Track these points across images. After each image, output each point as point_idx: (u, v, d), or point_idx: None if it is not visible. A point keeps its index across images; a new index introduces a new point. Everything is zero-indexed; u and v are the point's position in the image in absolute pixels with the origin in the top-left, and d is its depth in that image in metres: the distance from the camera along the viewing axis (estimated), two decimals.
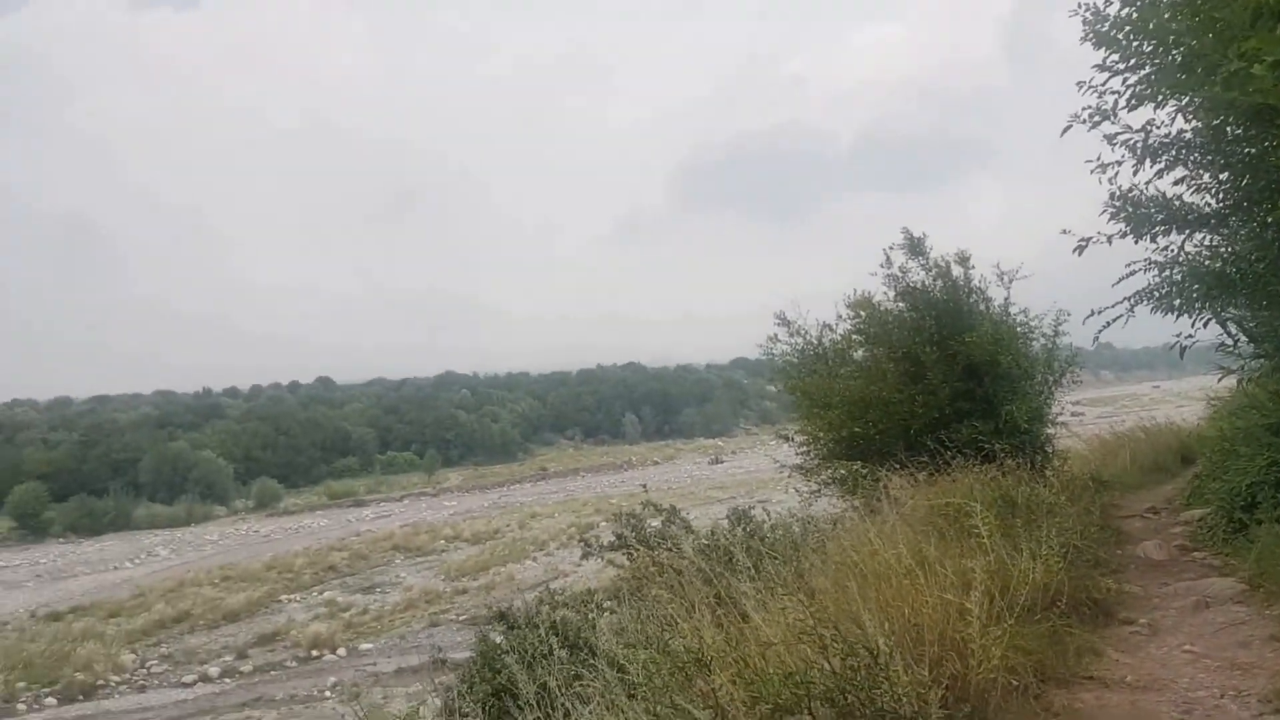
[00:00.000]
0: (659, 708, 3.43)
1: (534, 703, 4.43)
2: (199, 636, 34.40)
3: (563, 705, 4.29)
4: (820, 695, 3.39)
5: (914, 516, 7.91)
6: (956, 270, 11.68)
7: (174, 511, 68.63)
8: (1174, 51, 7.91)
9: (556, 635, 6.44)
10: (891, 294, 11.92)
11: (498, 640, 6.97)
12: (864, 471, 10.37)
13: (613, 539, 8.51)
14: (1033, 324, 11.78)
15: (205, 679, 29.38)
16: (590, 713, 4.15)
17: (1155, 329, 9.96)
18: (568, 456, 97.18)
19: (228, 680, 29.21)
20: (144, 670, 30.77)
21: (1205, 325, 9.44)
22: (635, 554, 7.57)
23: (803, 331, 12.73)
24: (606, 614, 7.37)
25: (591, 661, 4.86)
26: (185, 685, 28.96)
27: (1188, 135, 8.75)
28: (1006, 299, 11.77)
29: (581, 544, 9.35)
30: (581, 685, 4.60)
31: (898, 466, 9.56)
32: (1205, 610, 7.30)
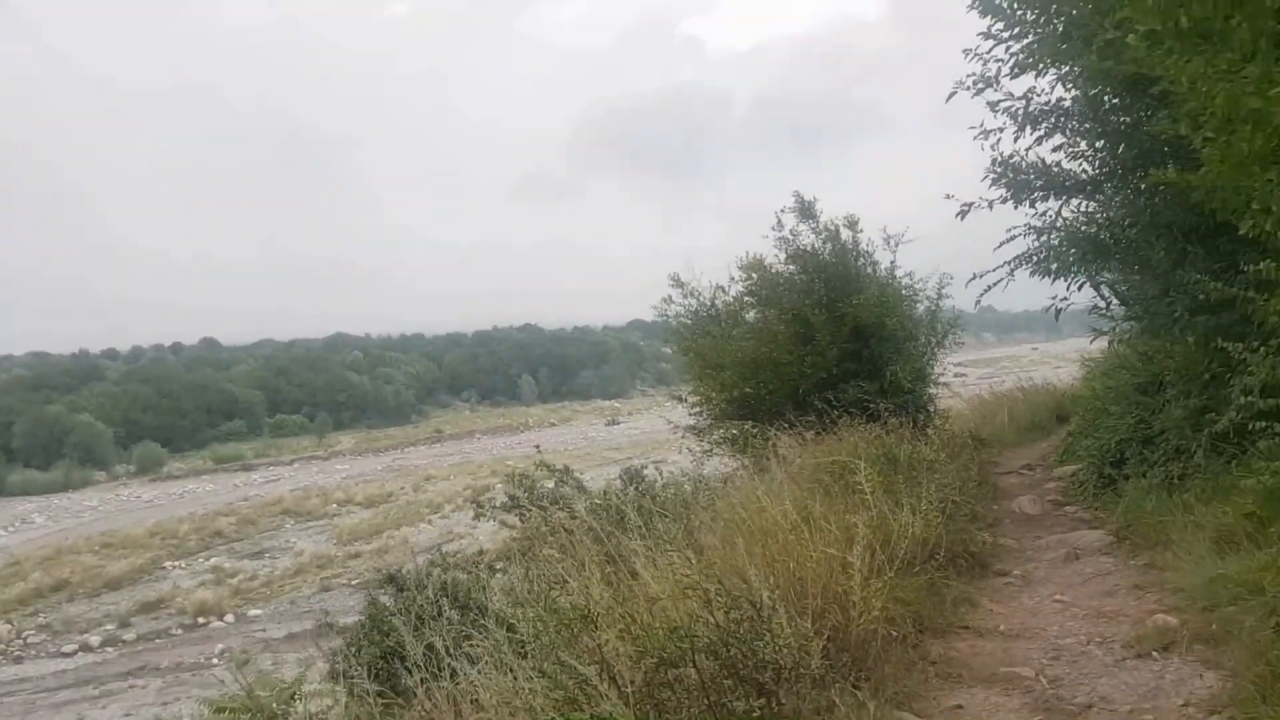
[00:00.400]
0: (546, 665, 3.45)
1: (421, 664, 4.40)
2: (79, 605, 33.27)
3: (449, 666, 4.28)
4: (704, 648, 3.45)
5: (801, 474, 8.07)
6: (845, 234, 11.91)
7: (50, 477, 65.89)
8: (1055, 20, 8.14)
9: (447, 596, 6.40)
10: (782, 256, 12.11)
11: (387, 603, 6.91)
12: (754, 431, 10.51)
13: (505, 500, 8.50)
14: (917, 287, 12.12)
15: (86, 648, 28.47)
16: (478, 672, 4.14)
17: (1035, 292, 10.32)
18: (463, 419, 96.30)
19: (110, 649, 28.36)
20: (20, 641, 29.66)
21: (1080, 289, 9.83)
22: (528, 515, 7.56)
23: (696, 293, 12.84)
24: (499, 575, 7.37)
25: (482, 622, 4.84)
26: (65, 655, 28.02)
27: (1067, 103, 9.03)
28: (893, 262, 12.08)
29: (474, 505, 9.30)
30: (470, 645, 4.59)
31: (787, 426, 9.73)
32: (1075, 561, 7.65)
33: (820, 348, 11.31)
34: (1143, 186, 8.38)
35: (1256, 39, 3.66)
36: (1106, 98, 8.58)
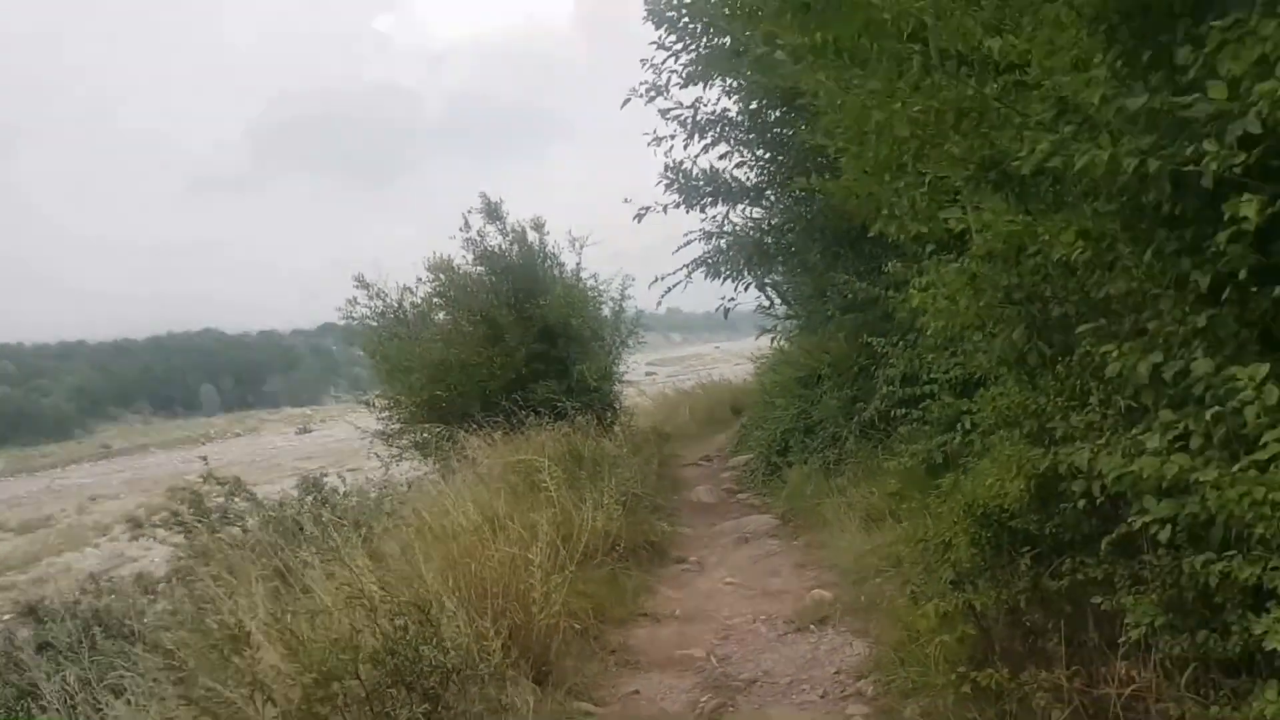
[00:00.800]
0: (193, 691, 3.20)
1: (57, 701, 3.97)
2: None
3: (88, 701, 3.89)
4: (368, 658, 3.34)
5: (489, 475, 8.06)
6: (532, 236, 12.04)
7: None
8: (718, 35, 8.61)
9: (100, 625, 5.87)
10: (470, 257, 12.04)
11: (26, 636, 6.22)
12: (444, 434, 10.42)
13: (169, 517, 7.88)
14: (602, 288, 12.43)
15: None
16: (123, 704, 3.79)
17: (719, 294, 10.92)
18: (136, 432, 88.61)
19: None
20: None
21: (746, 289, 10.47)
22: (194, 532, 7.05)
23: (383, 294, 12.48)
24: (159, 598, 6.83)
25: (134, 650, 4.45)
26: None
27: (731, 114, 9.59)
28: (578, 264, 12.31)
29: (130, 524, 8.58)
30: (117, 676, 4.20)
31: (476, 427, 9.70)
32: (745, 545, 8.13)
33: (509, 348, 11.36)
34: (800, 193, 9.00)
35: (880, 57, 4.00)
36: (765, 110, 9.18)
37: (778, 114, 9.17)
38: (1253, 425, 2.50)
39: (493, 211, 11.95)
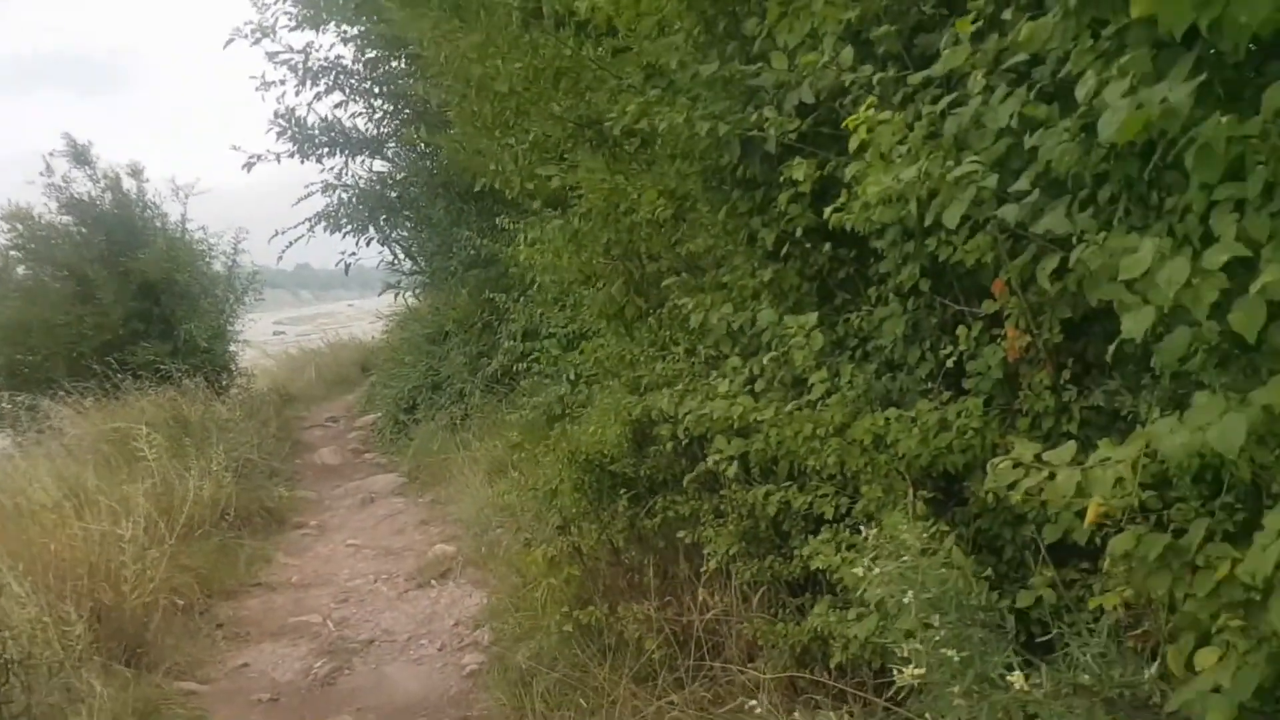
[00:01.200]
0: None
1: None
2: None
3: None
4: None
5: (78, 447, 7.40)
6: (128, 183, 10.94)
7: None
8: None
9: None
10: (55, 206, 10.77)
11: None
12: (25, 403, 9.33)
13: None
14: (212, 242, 11.57)
15: None
16: None
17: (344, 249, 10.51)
18: None
19: None
20: None
21: (368, 244, 10.19)
22: None
23: None
24: None
25: None
26: None
27: (346, 62, 9.22)
28: (184, 215, 11.36)
29: None
30: None
31: (65, 395, 8.81)
32: (370, 505, 8.01)
33: (103, 307, 10.33)
34: (423, 147, 8.87)
35: (480, 10, 4.00)
36: (385, 59, 8.92)
37: (398, 64, 8.95)
38: (802, 368, 2.77)
39: (80, 155, 10.72)
